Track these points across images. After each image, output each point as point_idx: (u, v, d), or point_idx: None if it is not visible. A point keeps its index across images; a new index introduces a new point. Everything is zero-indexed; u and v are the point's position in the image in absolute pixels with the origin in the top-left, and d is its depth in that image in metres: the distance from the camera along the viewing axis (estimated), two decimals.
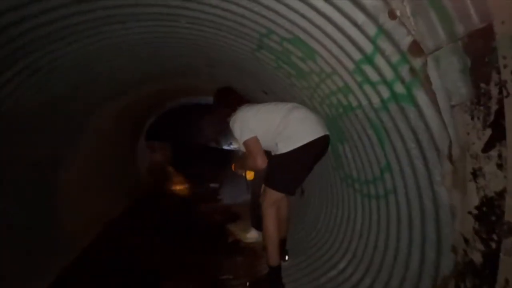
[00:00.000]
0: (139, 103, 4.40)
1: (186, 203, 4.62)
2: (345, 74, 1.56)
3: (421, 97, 1.20)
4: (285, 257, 2.34)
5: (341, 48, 1.40)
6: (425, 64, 1.10)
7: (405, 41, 1.12)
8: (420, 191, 1.47)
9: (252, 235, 3.09)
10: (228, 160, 5.46)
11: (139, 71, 2.87)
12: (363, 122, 1.71)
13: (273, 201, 1.98)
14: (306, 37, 1.51)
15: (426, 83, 1.14)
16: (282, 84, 2.33)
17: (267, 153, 2.03)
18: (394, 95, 1.34)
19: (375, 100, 1.49)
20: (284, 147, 1.89)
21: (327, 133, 1.97)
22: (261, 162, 1.93)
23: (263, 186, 2.23)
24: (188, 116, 6.20)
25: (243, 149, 2.06)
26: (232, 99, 2.24)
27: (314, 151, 1.93)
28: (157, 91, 4.13)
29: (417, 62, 1.13)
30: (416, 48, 1.09)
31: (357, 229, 2.09)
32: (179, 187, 4.94)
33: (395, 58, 1.20)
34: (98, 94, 3.04)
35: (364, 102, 1.59)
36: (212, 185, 5.50)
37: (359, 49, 1.32)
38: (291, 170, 1.94)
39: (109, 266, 2.51)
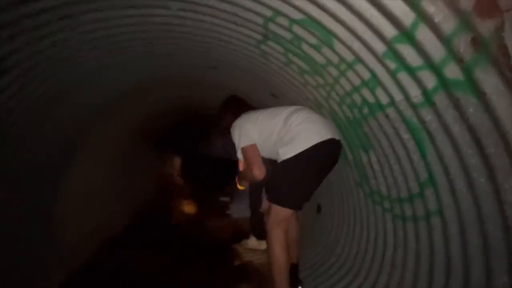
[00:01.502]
0: (147, 112, 4.21)
1: (194, 218, 4.30)
2: (373, 61, 1.21)
3: (489, 82, 0.84)
4: None
5: (367, 23, 1.06)
6: (499, 29, 0.74)
7: None
8: (481, 214, 1.08)
9: (252, 242, 2.90)
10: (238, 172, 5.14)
11: (134, 76, 2.64)
12: (396, 123, 1.34)
13: (279, 219, 1.66)
14: (320, 14, 1.19)
15: (500, 59, 0.77)
16: (293, 83, 2.01)
17: (273, 163, 1.76)
18: (444, 83, 0.98)
19: (415, 93, 1.13)
20: (285, 153, 1.66)
21: (336, 137, 1.71)
22: (258, 173, 1.71)
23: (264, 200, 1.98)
24: (199, 126, 5.97)
25: (240, 157, 1.87)
26: (239, 107, 2.08)
27: (320, 156, 1.67)
28: (158, 103, 3.93)
29: (485, 27, 0.77)
30: (486, 5, 0.73)
31: (388, 257, 1.69)
32: (187, 207, 4.64)
33: (449, 25, 0.84)
34: (102, 101, 2.84)
35: (398, 97, 1.23)
36: (222, 198, 5.16)
37: (394, 21, 0.98)
38: (296, 179, 1.66)
39: (106, 285, 2.25)
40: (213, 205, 4.92)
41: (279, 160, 1.72)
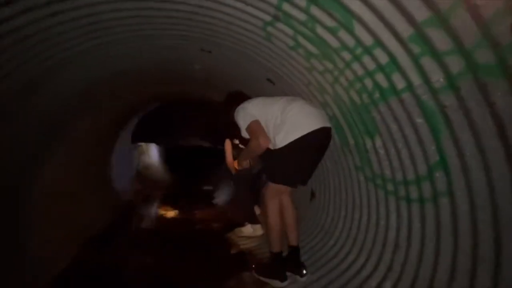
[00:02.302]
0: (123, 104, 3.96)
1: (179, 210, 4.18)
2: (395, 46, 1.21)
3: None
4: (302, 272, 2.00)
5: (398, 5, 1.05)
6: None
7: None
8: (494, 193, 1.15)
9: (247, 229, 2.96)
10: (221, 161, 5.07)
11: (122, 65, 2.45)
12: (410, 108, 1.37)
13: (274, 192, 1.99)
14: None
15: None
16: (296, 68, 1.98)
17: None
18: (473, 68, 1.01)
19: (437, 77, 1.15)
20: (281, 141, 1.90)
21: (328, 125, 1.96)
22: (263, 141, 1.93)
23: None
24: (177, 114, 5.76)
25: (246, 135, 2.08)
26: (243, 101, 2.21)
27: (312, 143, 1.92)
28: (139, 91, 3.71)
29: None
30: None
31: (391, 238, 1.76)
32: (169, 212, 4.47)
33: (490, 9, 0.85)
34: (78, 96, 2.61)
35: (417, 81, 1.25)
36: (205, 187, 5.09)
37: (430, 3, 0.97)
38: (290, 162, 1.94)
39: (95, 286, 2.09)
40: (197, 196, 4.84)
41: (275, 147, 1.94)
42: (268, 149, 1.98)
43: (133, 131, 5.03)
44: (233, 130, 2.25)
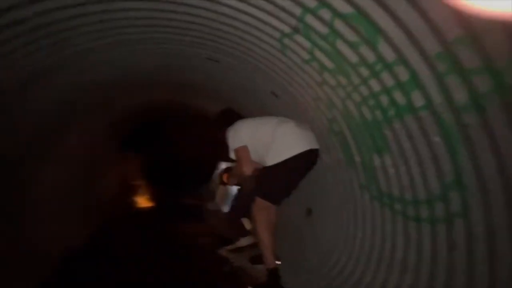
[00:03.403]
0: (117, 116, 3.83)
1: (165, 224, 3.98)
2: (418, 62, 1.22)
3: None
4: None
5: (430, 22, 1.07)
6: None
7: None
8: None
9: (244, 241, 2.88)
10: (210, 175, 4.94)
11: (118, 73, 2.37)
12: (427, 126, 1.37)
13: (262, 206, 2.12)
14: (374, 9, 1.17)
15: None
16: (306, 82, 1.97)
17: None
18: (501, 87, 1.02)
19: (461, 96, 1.16)
20: (270, 160, 2.08)
21: (316, 146, 2.14)
22: (247, 169, 2.13)
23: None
24: (170, 126, 5.64)
25: (233, 157, 2.25)
26: (234, 120, 2.35)
27: (299, 164, 2.10)
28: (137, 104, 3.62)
29: None
30: None
31: (398, 259, 1.72)
32: (143, 201, 4.23)
33: None
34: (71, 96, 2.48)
35: (438, 99, 1.26)
36: (192, 202, 4.91)
37: (464, 21, 0.99)
38: (276, 181, 2.12)
39: None
40: (185, 209, 4.65)
41: (265, 165, 2.13)
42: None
43: (124, 138, 4.85)
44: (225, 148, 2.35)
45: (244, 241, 2.85)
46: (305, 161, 2.12)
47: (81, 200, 3.41)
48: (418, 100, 1.35)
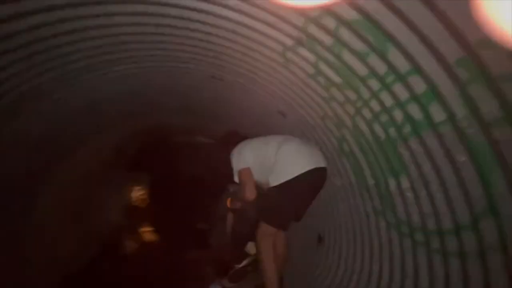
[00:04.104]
0: (122, 137, 3.82)
1: (168, 249, 3.80)
2: (436, 71, 1.08)
3: None
4: None
5: (449, 24, 0.94)
6: None
7: None
8: None
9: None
10: (219, 198, 4.78)
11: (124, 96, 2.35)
12: (449, 144, 1.20)
13: (268, 233, 1.97)
14: (384, 13, 1.05)
15: None
16: (313, 99, 1.85)
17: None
18: None
19: (489, 107, 1.00)
20: (274, 180, 1.95)
21: (323, 165, 1.98)
22: (249, 194, 2.01)
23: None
24: (177, 147, 5.59)
25: (237, 179, 2.13)
26: (239, 141, 2.28)
27: (305, 184, 1.94)
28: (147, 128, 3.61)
29: None
30: None
31: None
32: (146, 231, 4.08)
33: None
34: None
35: (462, 112, 1.09)
36: (200, 226, 4.71)
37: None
38: (282, 203, 1.94)
39: None
40: (189, 234, 4.45)
41: (269, 185, 1.98)
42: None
43: (129, 159, 4.81)
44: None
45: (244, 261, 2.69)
46: (311, 181, 1.96)
47: (81, 225, 3.32)
48: (437, 114, 1.19)
